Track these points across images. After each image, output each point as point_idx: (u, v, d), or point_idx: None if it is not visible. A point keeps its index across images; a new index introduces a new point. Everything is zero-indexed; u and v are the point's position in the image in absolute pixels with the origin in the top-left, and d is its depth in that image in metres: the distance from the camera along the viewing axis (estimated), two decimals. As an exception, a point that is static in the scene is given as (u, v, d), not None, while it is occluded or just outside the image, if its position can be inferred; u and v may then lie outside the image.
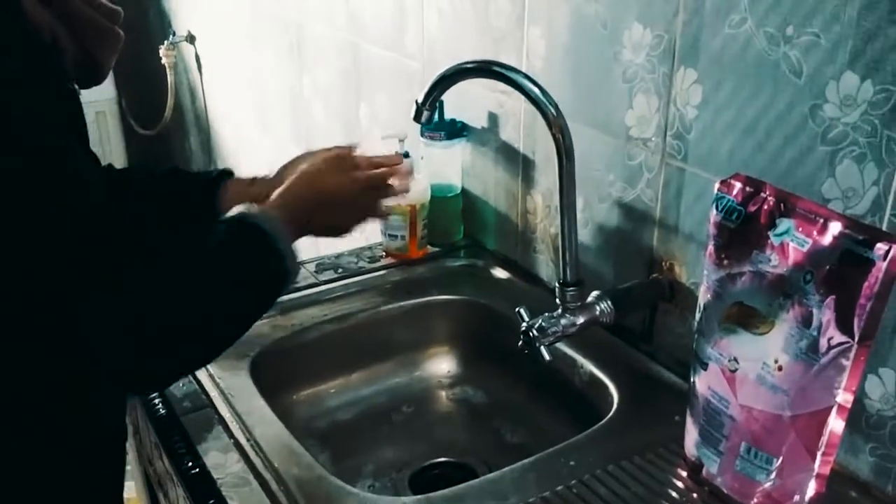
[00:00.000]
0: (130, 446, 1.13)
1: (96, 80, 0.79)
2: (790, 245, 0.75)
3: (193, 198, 1.00)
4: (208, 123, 2.65)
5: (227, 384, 1.06)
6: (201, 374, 1.07)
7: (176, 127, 2.85)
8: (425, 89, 0.99)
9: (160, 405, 1.02)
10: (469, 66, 0.99)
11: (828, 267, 0.72)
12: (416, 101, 0.99)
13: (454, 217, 1.44)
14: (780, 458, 0.78)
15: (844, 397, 0.74)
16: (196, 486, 0.91)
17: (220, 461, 0.93)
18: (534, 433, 1.17)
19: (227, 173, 1.04)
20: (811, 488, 0.78)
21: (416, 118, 1.01)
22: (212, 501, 0.87)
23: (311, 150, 1.03)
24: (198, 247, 0.79)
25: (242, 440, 0.96)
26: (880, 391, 0.83)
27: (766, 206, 0.78)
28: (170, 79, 2.71)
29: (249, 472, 0.91)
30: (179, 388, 1.05)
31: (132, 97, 2.73)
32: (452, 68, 0.98)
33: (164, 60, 2.67)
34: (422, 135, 1.36)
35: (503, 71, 0.97)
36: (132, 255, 0.71)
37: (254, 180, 1.03)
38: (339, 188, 0.93)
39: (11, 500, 0.76)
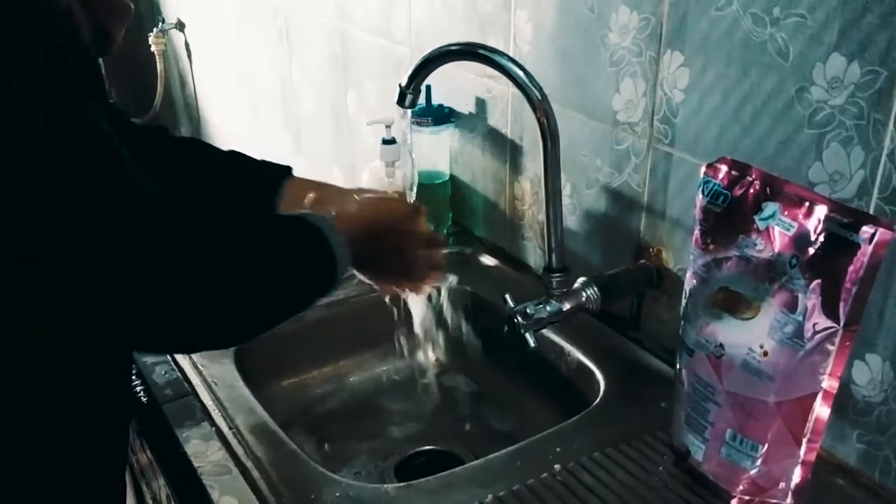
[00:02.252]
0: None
1: (106, 52, 0.78)
2: (776, 229, 0.74)
3: (254, 187, 1.02)
4: (198, 111, 2.63)
5: (210, 372, 1.05)
6: (184, 361, 1.06)
7: (166, 115, 2.83)
8: (409, 72, 0.97)
9: (142, 393, 1.01)
10: (453, 48, 0.98)
11: (813, 251, 0.71)
12: (400, 85, 0.98)
13: (442, 204, 1.43)
14: (766, 445, 0.77)
15: (830, 383, 0.73)
16: (176, 474, 0.90)
17: (201, 449, 0.91)
18: (520, 421, 1.16)
19: (288, 170, 1.03)
20: (797, 475, 0.77)
21: (401, 102, 0.99)
22: (192, 489, 0.87)
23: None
24: (255, 231, 0.80)
25: (224, 428, 0.95)
26: (867, 377, 0.82)
27: (752, 190, 0.77)
28: (159, 67, 2.68)
29: (230, 460, 0.90)
30: (162, 375, 1.04)
31: (121, 85, 2.71)
32: (436, 51, 0.97)
33: (153, 48, 2.64)
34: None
35: (488, 54, 0.96)
36: (187, 230, 0.72)
37: (320, 185, 1.02)
38: (403, 236, 0.94)
39: (24, 470, 0.75)
